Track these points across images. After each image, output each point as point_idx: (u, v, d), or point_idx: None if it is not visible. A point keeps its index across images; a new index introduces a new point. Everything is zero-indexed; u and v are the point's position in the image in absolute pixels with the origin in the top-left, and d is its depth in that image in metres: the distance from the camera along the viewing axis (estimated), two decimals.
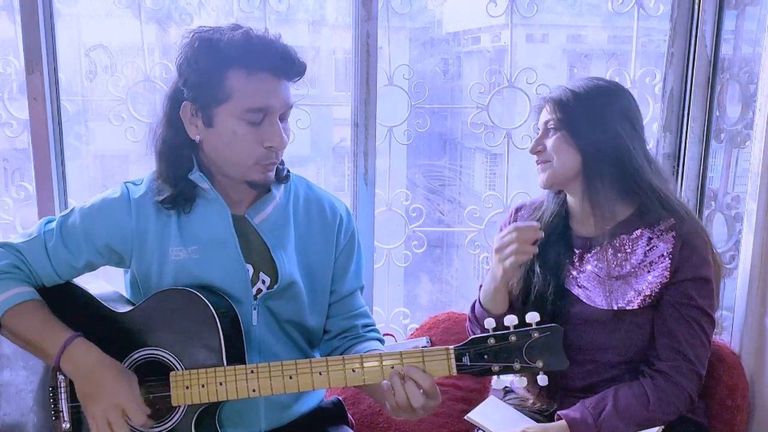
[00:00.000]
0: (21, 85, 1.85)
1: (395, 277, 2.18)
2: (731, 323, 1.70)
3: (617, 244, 1.39)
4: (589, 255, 1.42)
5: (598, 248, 1.41)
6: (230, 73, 1.15)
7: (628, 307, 1.36)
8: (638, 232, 1.38)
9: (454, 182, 2.74)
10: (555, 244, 1.44)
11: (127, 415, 1.14)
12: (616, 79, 1.97)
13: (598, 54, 2.37)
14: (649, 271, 1.36)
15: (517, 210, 1.57)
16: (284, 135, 1.20)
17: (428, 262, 2.65)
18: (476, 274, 2.55)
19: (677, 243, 1.35)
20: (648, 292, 1.36)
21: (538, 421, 1.42)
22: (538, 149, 1.41)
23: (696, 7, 1.83)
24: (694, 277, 1.35)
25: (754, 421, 1.58)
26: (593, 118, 1.37)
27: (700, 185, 1.90)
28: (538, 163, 1.42)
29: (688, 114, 1.87)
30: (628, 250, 1.38)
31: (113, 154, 2.37)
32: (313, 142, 2.44)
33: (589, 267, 1.41)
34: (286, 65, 1.19)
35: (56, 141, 1.82)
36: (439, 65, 2.29)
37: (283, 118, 1.22)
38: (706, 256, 1.36)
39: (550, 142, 1.39)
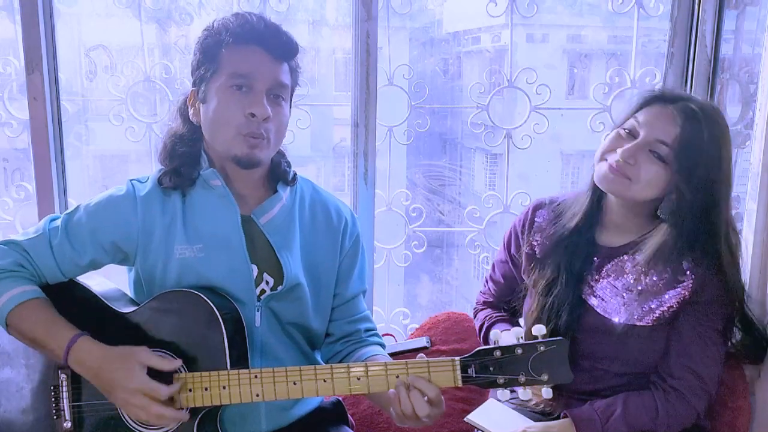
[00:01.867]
0: (21, 85, 1.85)
1: (395, 277, 2.18)
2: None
3: (639, 258, 1.34)
4: (608, 265, 1.38)
5: (618, 260, 1.37)
6: (223, 46, 1.23)
7: (642, 322, 1.33)
8: (668, 252, 1.31)
9: (454, 182, 2.75)
10: (578, 251, 1.39)
11: (150, 396, 1.13)
12: (616, 80, 1.98)
13: (598, 54, 2.37)
14: (668, 289, 1.32)
15: (536, 208, 1.50)
16: (267, 106, 1.22)
17: (428, 262, 2.66)
18: (476, 274, 2.55)
19: (703, 264, 1.30)
20: (665, 308, 1.32)
21: (537, 420, 1.42)
22: (630, 161, 1.26)
23: (696, 7, 1.83)
24: (715, 299, 1.31)
25: (755, 422, 1.57)
26: (706, 171, 1.26)
27: None
28: (611, 166, 1.28)
29: None
30: (651, 265, 1.32)
31: (113, 153, 2.38)
32: (313, 142, 2.44)
33: (607, 278, 1.38)
34: (275, 39, 1.24)
35: (56, 141, 1.82)
36: (439, 65, 2.29)
37: (275, 96, 1.24)
38: (729, 280, 1.31)
39: (645, 166, 1.26)
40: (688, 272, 1.31)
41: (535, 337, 1.11)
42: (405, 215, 2.07)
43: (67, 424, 1.23)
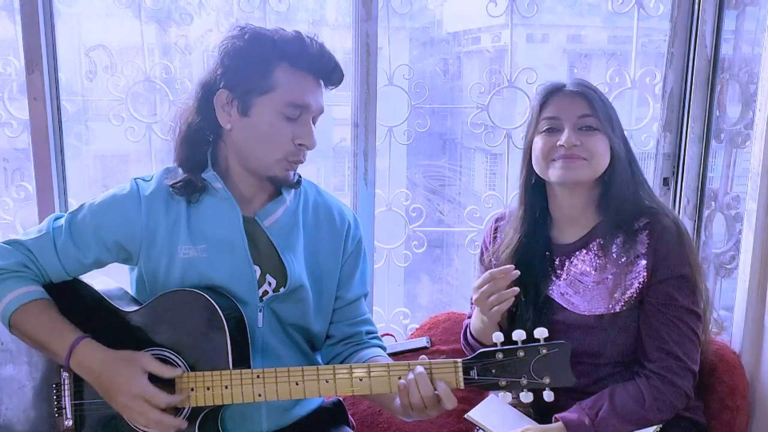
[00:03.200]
0: (21, 85, 1.85)
1: (395, 277, 2.18)
2: (731, 323, 1.70)
3: (595, 249, 1.40)
4: (569, 262, 1.42)
5: (578, 254, 1.41)
6: (278, 66, 1.20)
7: (611, 311, 1.36)
8: (614, 234, 1.38)
9: (454, 182, 2.74)
10: (537, 253, 1.44)
11: (148, 400, 1.14)
12: (616, 80, 1.98)
13: (598, 54, 2.37)
14: (627, 273, 1.36)
15: (497, 220, 1.57)
16: (315, 136, 1.23)
17: (428, 262, 2.65)
18: (476, 274, 2.55)
19: (651, 241, 1.35)
20: (629, 295, 1.35)
21: (530, 416, 1.42)
22: (575, 144, 1.35)
23: (696, 7, 1.83)
24: (672, 276, 1.34)
25: (754, 422, 1.58)
26: (618, 124, 1.41)
27: (700, 185, 1.90)
28: (564, 158, 1.36)
29: (688, 114, 1.87)
30: (606, 254, 1.38)
31: (113, 153, 2.37)
32: None
33: (570, 274, 1.42)
34: (329, 71, 1.24)
35: (56, 141, 1.82)
36: (439, 65, 2.29)
37: (314, 121, 1.26)
38: (682, 253, 1.35)
39: (590, 142, 1.36)
40: (644, 235, 1.36)
41: (537, 340, 1.12)
42: (405, 215, 2.07)
43: (69, 423, 1.23)
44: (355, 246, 1.39)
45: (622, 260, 1.37)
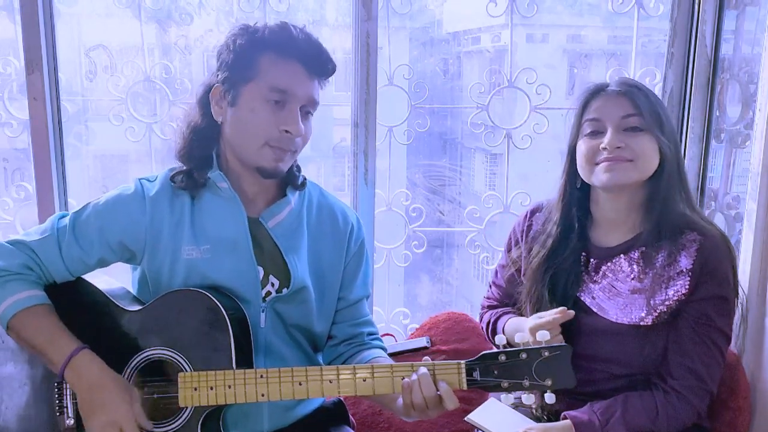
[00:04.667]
0: (21, 85, 1.85)
1: (395, 277, 2.18)
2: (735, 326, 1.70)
3: (636, 256, 1.36)
4: (606, 266, 1.38)
5: (616, 259, 1.37)
6: (263, 54, 1.21)
7: (642, 322, 1.32)
8: (659, 244, 1.33)
9: (454, 182, 2.74)
10: (571, 252, 1.40)
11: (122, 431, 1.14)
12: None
13: (598, 54, 2.37)
14: (667, 287, 1.32)
15: (533, 212, 1.51)
16: (301, 124, 1.23)
17: (428, 262, 2.65)
18: (476, 274, 2.55)
19: (699, 259, 1.30)
20: (664, 308, 1.31)
21: (538, 420, 1.42)
22: (619, 145, 1.30)
23: (696, 7, 1.83)
24: (713, 296, 1.31)
25: (755, 422, 1.57)
26: (669, 124, 1.35)
27: (700, 185, 1.90)
28: (608, 161, 1.31)
29: (688, 114, 1.87)
30: (648, 263, 1.34)
31: (113, 154, 2.37)
32: (313, 142, 2.42)
33: (605, 278, 1.38)
34: (316, 59, 1.24)
35: (56, 141, 1.82)
36: (439, 65, 2.29)
37: (306, 113, 1.25)
38: (728, 275, 1.32)
39: (636, 142, 1.30)
40: (693, 249, 1.31)
41: (540, 343, 1.12)
42: (405, 215, 2.07)
43: (70, 421, 1.23)
44: (358, 248, 1.39)
45: (664, 273, 1.32)
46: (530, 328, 1.30)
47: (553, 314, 1.30)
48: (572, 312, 1.31)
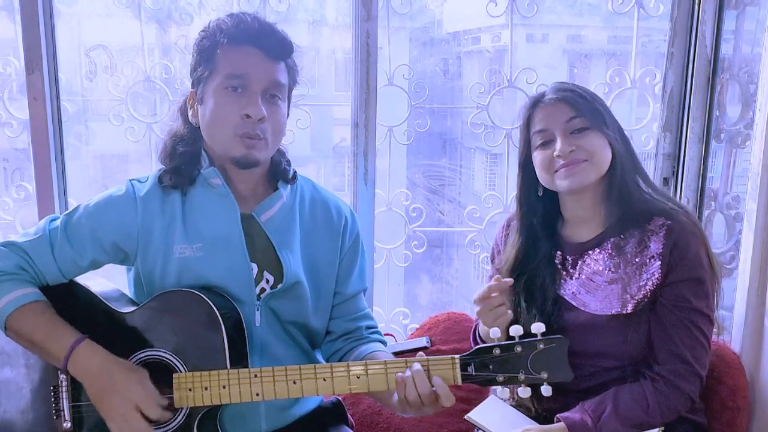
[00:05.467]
0: (21, 85, 1.85)
1: (395, 277, 2.18)
2: (731, 323, 1.70)
3: (609, 248, 1.38)
4: (582, 261, 1.41)
5: (591, 253, 1.40)
6: (219, 47, 1.23)
7: (622, 312, 1.34)
8: (629, 233, 1.36)
9: (454, 182, 2.74)
10: (544, 253, 1.43)
11: (141, 411, 1.14)
12: (616, 80, 1.98)
13: (598, 54, 2.37)
14: (641, 273, 1.34)
15: (509, 222, 1.55)
16: (262, 107, 1.22)
17: (428, 262, 2.65)
18: (476, 274, 2.55)
19: (668, 242, 1.33)
20: (641, 295, 1.33)
21: (537, 420, 1.42)
22: (571, 149, 1.34)
23: (696, 7, 1.83)
24: (687, 278, 1.32)
25: (755, 422, 1.57)
26: (610, 116, 1.39)
27: (700, 185, 1.90)
28: (565, 166, 1.34)
29: (688, 114, 1.87)
30: (620, 253, 1.36)
31: (113, 154, 2.37)
32: (313, 142, 2.43)
33: (582, 273, 1.40)
34: (268, 38, 1.24)
35: (56, 141, 1.82)
36: (439, 65, 2.29)
37: (271, 96, 1.25)
38: (699, 255, 1.33)
39: (586, 142, 1.34)
40: (661, 234, 1.33)
41: (535, 335, 1.11)
42: (405, 215, 2.07)
43: (67, 425, 1.23)
44: (352, 241, 1.39)
45: (637, 260, 1.35)
46: (473, 299, 1.33)
47: (489, 284, 1.30)
48: (509, 280, 1.31)
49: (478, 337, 1.49)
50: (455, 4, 2.34)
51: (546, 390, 1.11)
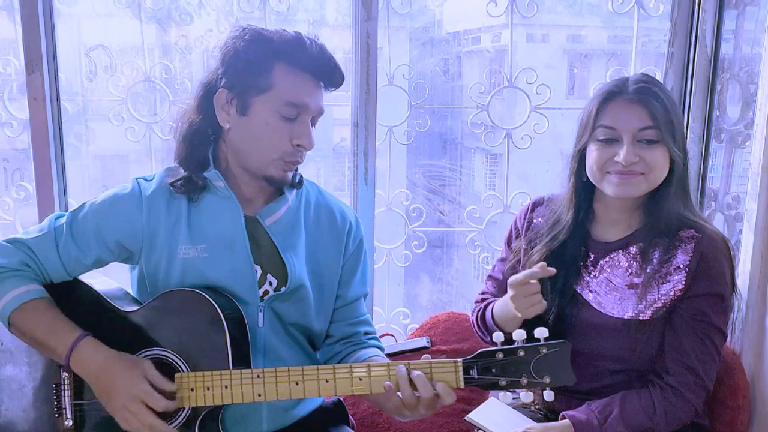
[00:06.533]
0: (21, 85, 1.85)
1: (395, 277, 2.18)
2: (731, 323, 1.70)
3: (634, 251, 1.37)
4: (604, 261, 1.39)
5: (615, 254, 1.38)
6: (277, 65, 1.20)
7: (639, 317, 1.33)
8: (657, 240, 1.34)
9: (454, 182, 2.74)
10: (572, 246, 1.41)
11: (147, 404, 1.14)
12: None
13: (598, 54, 2.37)
14: (663, 282, 1.33)
15: (535, 205, 1.52)
16: (313, 137, 1.23)
17: (428, 262, 2.65)
18: (476, 274, 2.55)
19: (695, 255, 1.31)
20: (660, 304, 1.32)
21: (537, 419, 1.42)
22: (634, 161, 1.29)
23: (696, 7, 1.83)
24: (709, 293, 1.31)
25: (755, 422, 1.57)
26: (681, 128, 1.34)
27: (700, 185, 1.90)
28: (621, 174, 1.31)
29: (688, 114, 1.87)
30: (645, 259, 1.34)
31: (113, 154, 2.37)
32: None
33: (602, 273, 1.39)
34: (329, 72, 1.24)
35: (56, 141, 1.82)
36: (439, 65, 2.29)
37: (313, 123, 1.26)
38: (724, 272, 1.32)
39: (650, 155, 1.29)
40: (690, 246, 1.31)
41: (538, 340, 1.11)
42: (405, 215, 2.07)
43: (69, 423, 1.23)
44: (356, 246, 1.39)
45: (662, 269, 1.33)
46: (510, 282, 1.30)
47: (533, 270, 1.28)
48: (553, 269, 1.28)
49: (489, 317, 1.45)
50: (455, 4, 2.34)
51: (548, 395, 1.11)
